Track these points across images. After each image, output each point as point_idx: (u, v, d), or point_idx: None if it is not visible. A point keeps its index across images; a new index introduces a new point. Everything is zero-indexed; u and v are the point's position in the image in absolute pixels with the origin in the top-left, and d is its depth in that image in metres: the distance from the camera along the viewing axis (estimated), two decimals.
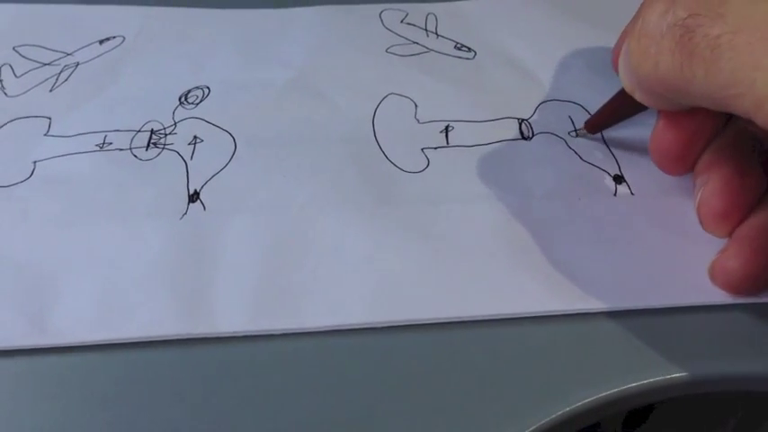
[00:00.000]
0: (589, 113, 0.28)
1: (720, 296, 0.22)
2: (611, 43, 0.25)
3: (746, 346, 0.22)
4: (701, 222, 0.23)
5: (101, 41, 0.33)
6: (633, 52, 0.20)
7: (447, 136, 0.28)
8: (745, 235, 0.22)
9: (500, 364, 0.21)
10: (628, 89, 0.22)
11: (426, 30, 0.34)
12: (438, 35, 0.33)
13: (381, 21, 0.34)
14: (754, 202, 0.22)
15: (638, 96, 0.22)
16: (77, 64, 0.31)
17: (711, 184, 0.22)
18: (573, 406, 0.20)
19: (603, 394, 0.20)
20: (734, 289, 0.22)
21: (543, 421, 0.20)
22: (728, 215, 0.22)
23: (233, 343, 0.22)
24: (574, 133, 0.28)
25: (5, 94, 0.30)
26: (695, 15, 0.18)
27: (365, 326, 0.22)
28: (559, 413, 0.20)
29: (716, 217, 0.22)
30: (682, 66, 0.18)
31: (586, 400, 0.20)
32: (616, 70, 0.23)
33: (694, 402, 0.30)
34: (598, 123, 0.27)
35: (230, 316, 0.22)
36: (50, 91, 0.30)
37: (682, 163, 0.23)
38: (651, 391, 0.21)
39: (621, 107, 0.25)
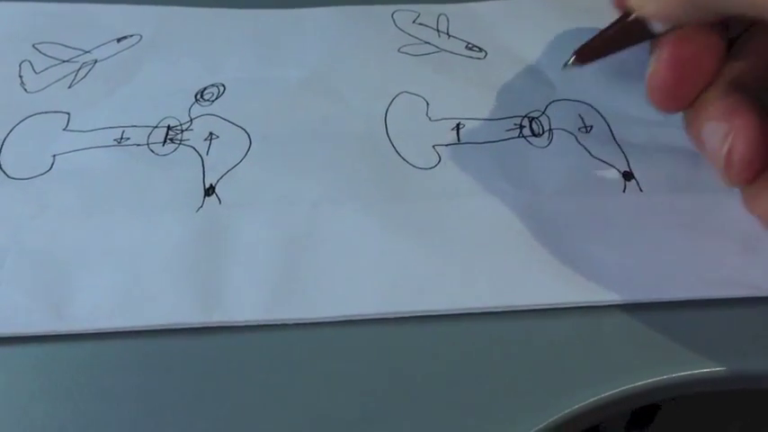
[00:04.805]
0: (598, 112, 0.29)
1: (727, 291, 0.23)
2: None
3: (756, 343, 0.22)
4: (725, 170, 0.21)
5: (118, 40, 0.33)
6: None
7: (458, 133, 0.28)
8: None
9: (510, 359, 0.22)
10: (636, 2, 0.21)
11: (438, 30, 0.34)
12: (449, 35, 0.34)
13: (394, 21, 0.34)
14: None
15: (652, 8, 0.21)
16: (95, 61, 0.32)
17: (743, 132, 0.21)
18: (580, 404, 0.20)
19: (611, 392, 0.21)
20: None
21: (551, 419, 0.20)
22: (758, 163, 0.21)
23: (247, 332, 0.22)
24: (567, 64, 0.25)
25: (25, 90, 0.31)
26: None
27: (377, 316, 0.22)
28: (567, 411, 0.20)
29: (747, 165, 0.20)
30: None
31: (593, 399, 0.21)
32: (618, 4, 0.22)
33: (700, 403, 0.30)
34: (593, 50, 0.25)
35: (244, 305, 0.22)
36: (69, 87, 0.31)
37: (680, 99, 0.22)
38: (657, 390, 0.21)
39: (620, 34, 0.24)
